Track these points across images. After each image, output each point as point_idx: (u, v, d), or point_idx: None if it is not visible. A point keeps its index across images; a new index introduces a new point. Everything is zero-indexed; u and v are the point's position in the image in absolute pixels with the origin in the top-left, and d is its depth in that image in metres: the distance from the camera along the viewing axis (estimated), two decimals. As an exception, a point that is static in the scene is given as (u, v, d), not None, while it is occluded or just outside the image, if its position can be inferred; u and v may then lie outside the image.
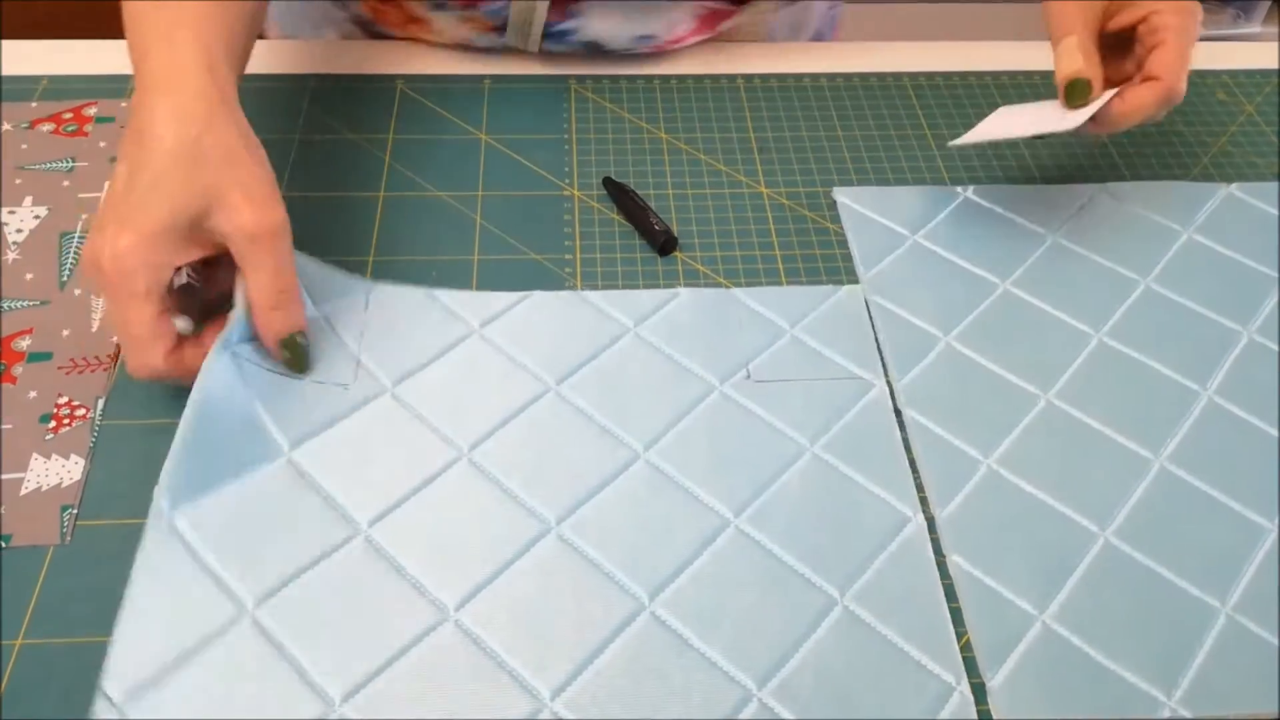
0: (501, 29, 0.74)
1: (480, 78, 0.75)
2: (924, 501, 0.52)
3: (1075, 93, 0.60)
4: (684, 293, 0.60)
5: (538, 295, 0.59)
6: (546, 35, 0.75)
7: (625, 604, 0.47)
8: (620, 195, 0.66)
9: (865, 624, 0.47)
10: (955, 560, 0.50)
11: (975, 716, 0.45)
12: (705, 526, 0.50)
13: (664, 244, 0.64)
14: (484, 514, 0.50)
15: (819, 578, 0.49)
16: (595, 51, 0.76)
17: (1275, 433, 0.55)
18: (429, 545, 0.49)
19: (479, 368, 0.56)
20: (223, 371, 0.50)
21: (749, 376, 0.56)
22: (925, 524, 0.51)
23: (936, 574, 0.49)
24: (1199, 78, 0.79)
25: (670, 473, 0.52)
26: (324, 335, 0.56)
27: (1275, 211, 0.67)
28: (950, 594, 0.49)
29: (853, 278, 0.63)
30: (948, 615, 0.48)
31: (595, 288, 0.61)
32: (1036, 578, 0.49)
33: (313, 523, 0.49)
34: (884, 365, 0.58)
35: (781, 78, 0.77)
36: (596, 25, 0.74)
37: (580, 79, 0.76)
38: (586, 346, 0.57)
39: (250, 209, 0.50)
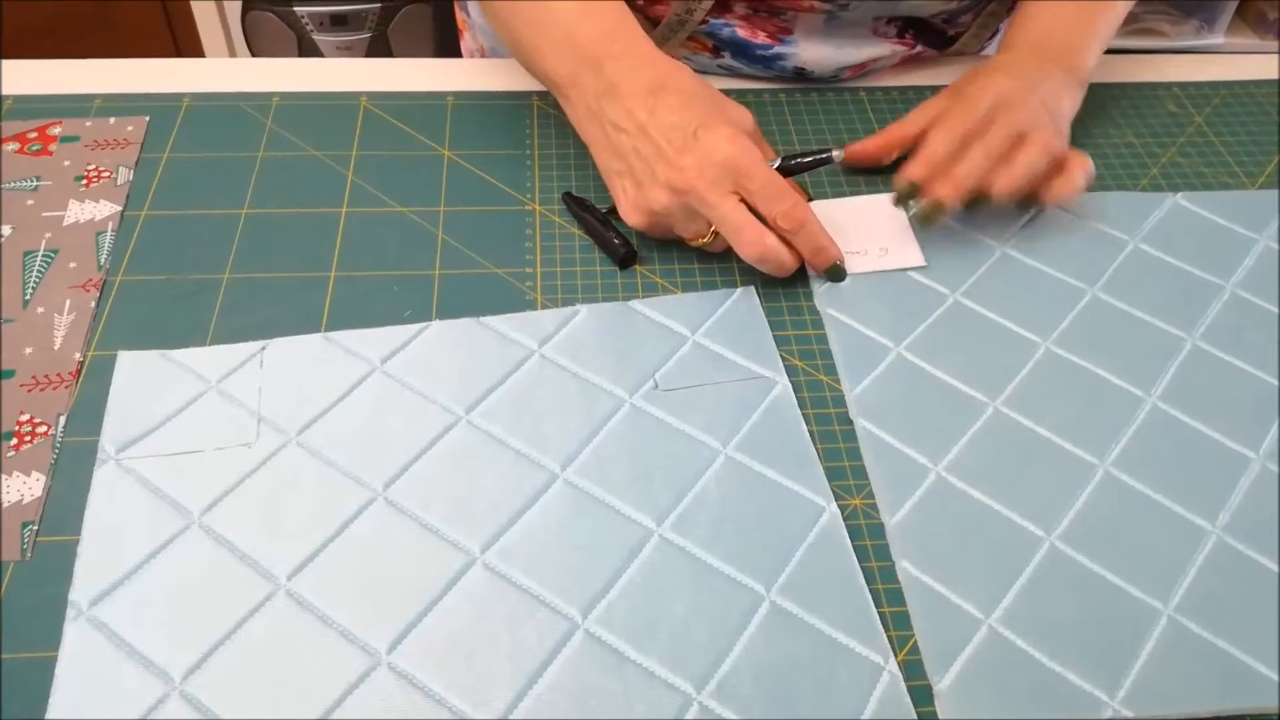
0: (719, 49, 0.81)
1: (444, 94, 0.76)
2: (867, 499, 0.53)
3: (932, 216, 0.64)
4: (584, 309, 0.61)
5: (436, 325, 0.60)
6: (756, 59, 0.79)
7: (559, 625, 0.48)
8: (580, 210, 0.67)
9: (793, 616, 0.48)
10: (904, 566, 0.51)
11: (905, 692, 0.46)
12: (630, 539, 0.51)
13: (624, 257, 0.65)
14: (406, 552, 0.50)
15: (745, 576, 0.50)
16: (801, 77, 0.80)
17: (1217, 436, 0.56)
18: (353, 590, 0.48)
19: (385, 405, 0.56)
20: (108, 480, 0.52)
21: (657, 386, 0.57)
22: (839, 512, 0.53)
23: (854, 559, 0.51)
24: (1150, 90, 0.81)
25: (590, 489, 0.53)
26: (219, 407, 0.55)
27: (1220, 220, 0.69)
28: (896, 597, 0.50)
29: (808, 291, 0.64)
30: (869, 598, 0.49)
31: (555, 301, 0.62)
32: (983, 582, 0.50)
33: (232, 585, 0.48)
34: (836, 375, 0.59)
35: (741, 93, 0.78)
36: (807, 53, 0.78)
37: (543, 95, 0.77)
38: (493, 372, 0.58)
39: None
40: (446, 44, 0.98)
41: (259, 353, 0.58)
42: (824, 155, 0.65)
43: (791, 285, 0.65)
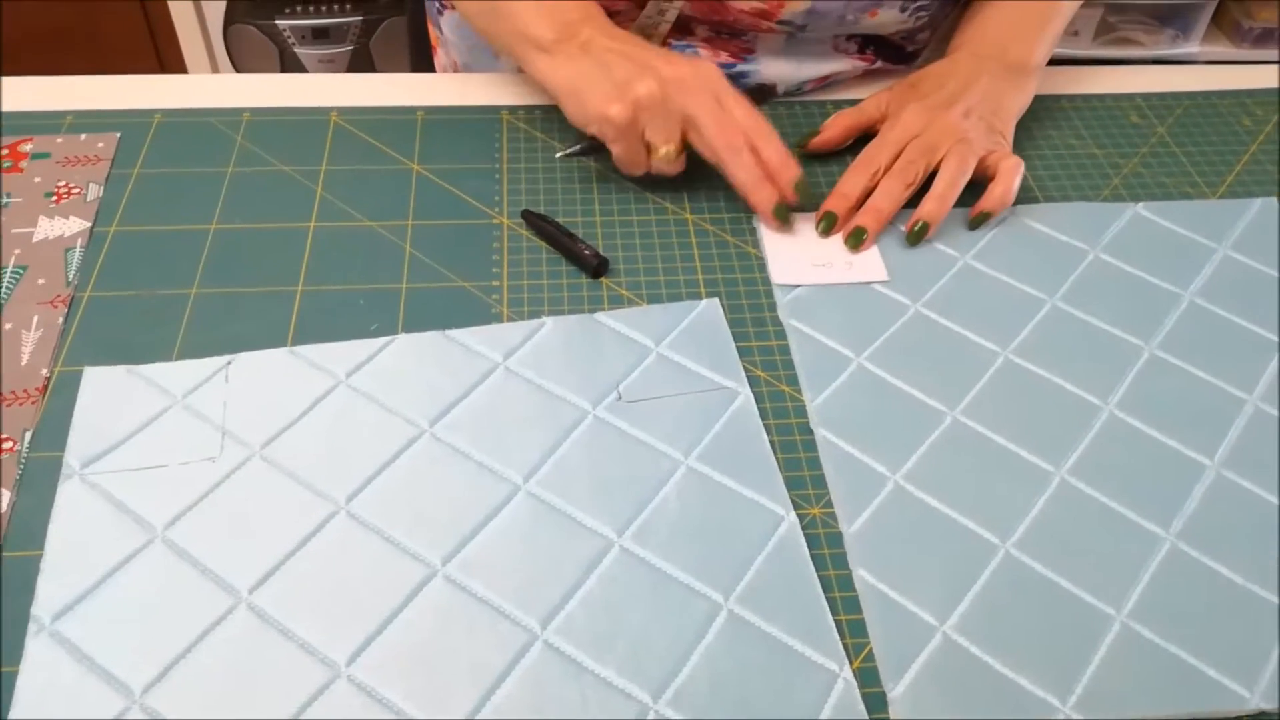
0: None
1: (413, 109, 0.77)
2: (826, 508, 0.54)
3: (855, 238, 0.67)
4: (549, 322, 0.62)
5: (402, 339, 0.60)
6: None
7: (518, 637, 0.48)
8: (544, 225, 0.67)
9: (750, 624, 0.49)
10: (860, 574, 0.51)
11: (859, 699, 0.47)
12: (590, 550, 0.51)
13: (596, 267, 0.66)
14: (367, 565, 0.50)
15: (703, 585, 0.50)
16: (763, 93, 0.81)
17: (1173, 444, 0.57)
18: (314, 603, 0.49)
19: (349, 418, 0.56)
20: (73, 496, 0.52)
21: (620, 398, 0.58)
22: (797, 521, 0.53)
23: (812, 567, 0.51)
24: (1114, 101, 0.82)
25: (552, 501, 0.53)
26: (184, 422, 0.56)
27: (1180, 229, 0.70)
28: (853, 605, 0.51)
29: (772, 303, 0.65)
30: (825, 606, 0.50)
31: (522, 314, 0.63)
32: (939, 590, 0.51)
33: (194, 599, 0.49)
34: (798, 386, 0.60)
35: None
36: (769, 70, 0.79)
37: (513, 109, 0.78)
38: (457, 385, 0.58)
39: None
40: (421, 61, 0.98)
41: (224, 367, 0.58)
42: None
43: (755, 296, 0.65)
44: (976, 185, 0.69)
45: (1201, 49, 1.89)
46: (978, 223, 0.68)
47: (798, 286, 0.65)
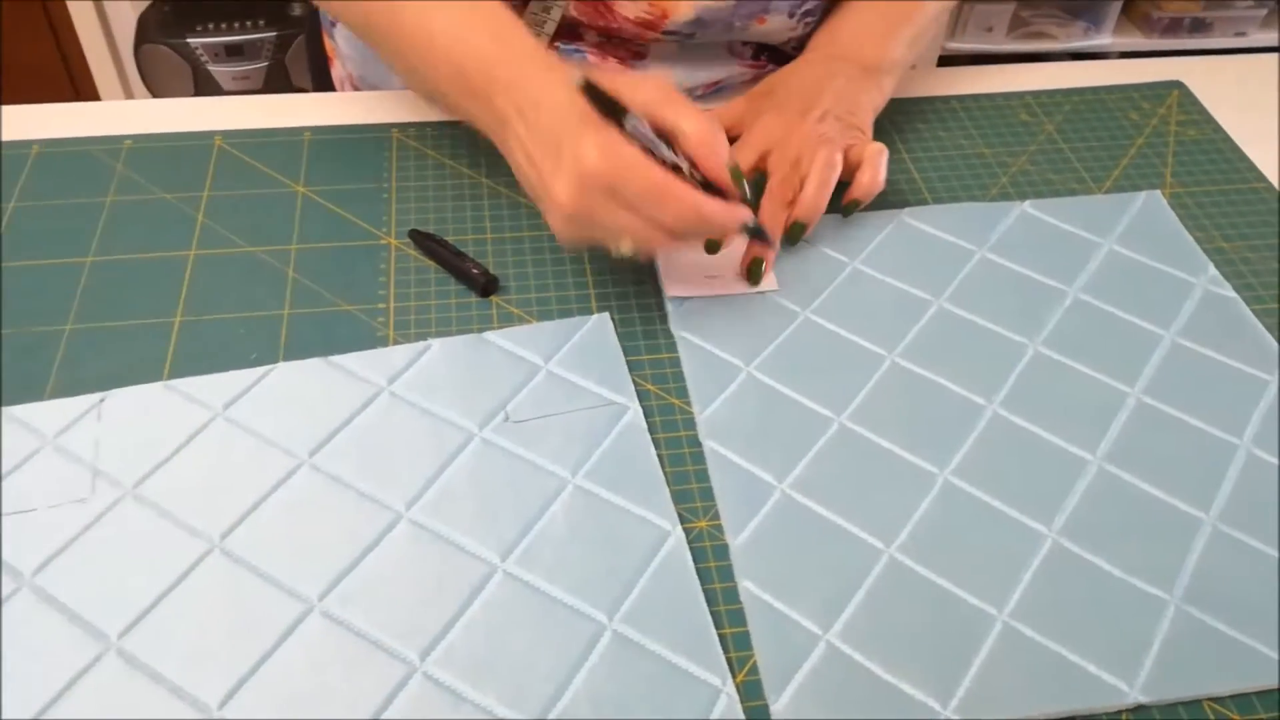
0: None
1: (300, 130, 0.76)
2: (713, 520, 0.54)
3: (754, 273, 0.65)
4: (436, 344, 0.61)
5: (282, 367, 0.59)
6: None
7: (396, 670, 0.47)
8: (431, 245, 0.67)
9: (634, 643, 0.48)
10: (746, 586, 0.51)
11: (741, 713, 0.47)
12: (474, 576, 0.51)
13: (485, 286, 0.65)
14: (241, 604, 0.49)
15: (588, 606, 0.50)
16: None
17: (1056, 440, 0.58)
18: (186, 646, 0.48)
19: (226, 452, 0.55)
20: None
21: (508, 418, 0.57)
22: (683, 535, 0.53)
23: (697, 582, 0.51)
24: (1004, 99, 0.83)
25: (434, 528, 0.52)
26: (54, 464, 0.54)
27: (1065, 225, 0.70)
28: (738, 618, 0.50)
29: (663, 314, 0.64)
30: (709, 621, 0.49)
31: (408, 336, 0.62)
32: (823, 598, 0.51)
33: (61, 646, 0.47)
34: (688, 399, 0.59)
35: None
36: (662, 76, 0.77)
37: (403, 127, 0.77)
38: (339, 413, 0.57)
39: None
40: (319, 75, 0.97)
41: (97, 405, 0.57)
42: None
43: (647, 309, 0.65)
44: (844, 181, 0.68)
45: (1114, 40, 1.92)
46: (850, 210, 0.68)
47: (690, 298, 0.65)
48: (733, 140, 0.72)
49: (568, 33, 0.77)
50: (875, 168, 0.67)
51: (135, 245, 0.66)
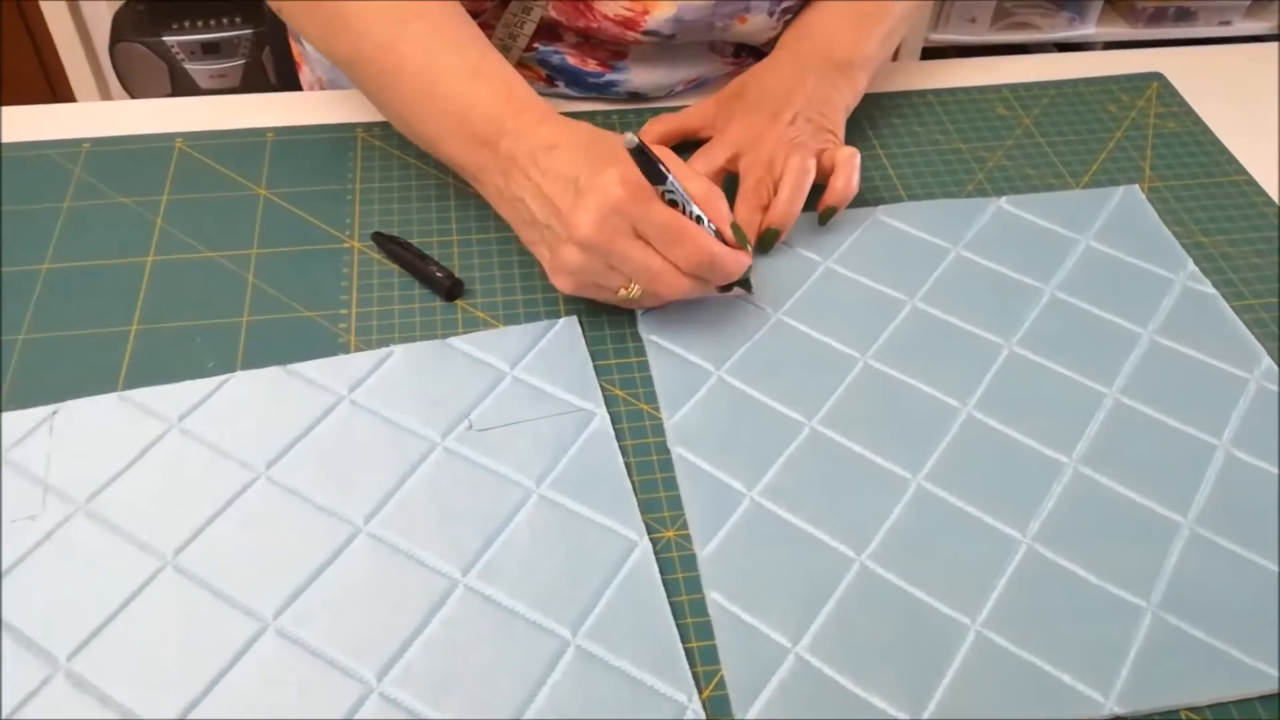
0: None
1: (263, 130, 0.74)
2: (681, 529, 0.52)
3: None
4: (398, 350, 0.60)
5: (240, 376, 0.58)
6: (589, 85, 0.78)
7: (352, 690, 0.46)
8: (395, 247, 0.65)
9: (598, 659, 0.47)
10: (714, 597, 0.50)
11: None
12: (433, 591, 0.49)
13: (449, 289, 0.63)
14: (194, 622, 0.48)
15: (551, 621, 0.48)
16: (636, 100, 0.79)
17: (1031, 442, 0.56)
18: (137, 666, 0.46)
19: (181, 465, 0.54)
20: None
21: (471, 427, 0.56)
22: (650, 546, 0.52)
23: (664, 595, 0.50)
24: (980, 93, 0.81)
25: (394, 541, 0.51)
26: (5, 480, 0.53)
27: (1042, 222, 0.69)
28: (706, 631, 0.49)
29: (632, 317, 0.63)
30: (676, 635, 0.48)
31: (370, 343, 0.61)
32: (793, 609, 0.49)
33: (10, 669, 0.46)
34: (657, 404, 0.58)
35: (576, 116, 0.76)
36: (640, 78, 0.77)
37: (368, 126, 0.75)
38: (297, 423, 0.56)
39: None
40: (288, 81, 0.95)
41: (49, 418, 0.55)
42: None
43: (616, 313, 0.64)
44: (817, 185, 0.67)
45: (1098, 31, 1.91)
46: (826, 217, 0.67)
47: None
48: (703, 141, 0.71)
49: (546, 33, 0.75)
50: (848, 173, 0.65)
51: (92, 251, 0.65)
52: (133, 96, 1.85)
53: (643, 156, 0.56)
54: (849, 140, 0.72)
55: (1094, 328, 0.63)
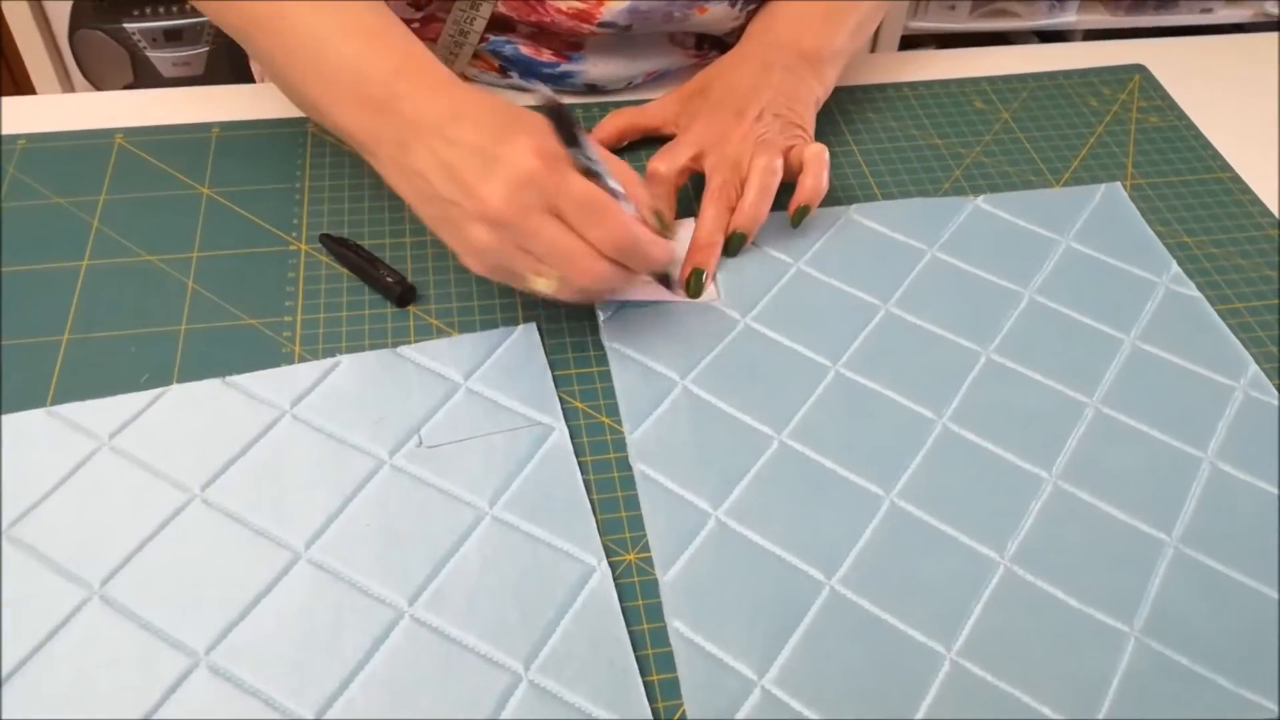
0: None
1: (208, 125, 0.71)
2: (642, 552, 0.50)
3: (694, 285, 0.61)
4: (345, 360, 0.57)
5: (176, 390, 0.54)
6: (545, 77, 0.74)
7: None
8: (344, 250, 0.62)
9: (552, 695, 0.44)
10: (676, 626, 0.47)
11: None
12: (376, 623, 0.46)
13: (401, 295, 0.60)
14: (121, 658, 0.45)
15: (502, 654, 0.46)
16: (594, 92, 0.76)
17: (1009, 456, 0.54)
18: (59, 705, 0.43)
19: (110, 487, 0.50)
20: None
21: (421, 443, 0.53)
22: (609, 571, 0.49)
23: (623, 625, 0.47)
24: (958, 86, 0.79)
25: (336, 568, 0.48)
26: None
27: (1021, 222, 0.67)
28: (667, 662, 0.46)
29: (594, 324, 0.60)
30: (635, 668, 0.46)
31: (315, 352, 0.57)
32: (759, 638, 0.47)
33: None
34: (618, 416, 0.55)
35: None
36: (598, 70, 0.74)
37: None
38: (236, 440, 0.52)
39: None
40: (240, 75, 0.91)
41: None
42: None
43: (577, 318, 0.61)
44: (788, 184, 0.64)
45: (1079, 17, 1.89)
46: (799, 218, 0.63)
47: (622, 305, 0.60)
48: (665, 139, 0.68)
49: (498, 25, 0.72)
50: (817, 170, 0.62)
51: (23, 256, 0.61)
52: (94, 85, 1.80)
53: (559, 118, 0.52)
54: (820, 135, 0.69)
55: (1074, 333, 0.60)
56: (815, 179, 0.62)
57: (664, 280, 0.58)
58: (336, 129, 0.58)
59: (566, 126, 0.52)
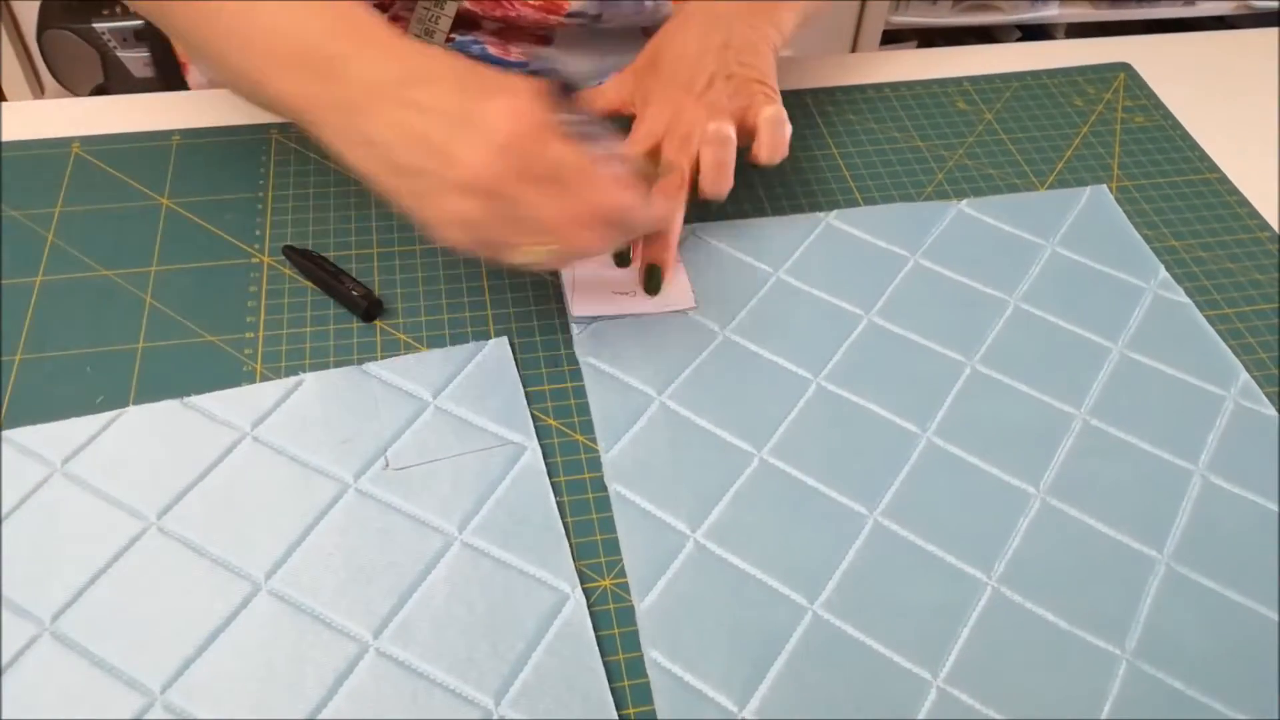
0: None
1: (169, 133, 0.68)
2: (618, 578, 0.48)
3: (653, 280, 0.59)
4: (309, 378, 0.55)
5: (132, 412, 0.52)
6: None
7: None
8: (307, 263, 0.60)
9: None
10: (653, 656, 0.45)
11: None
12: (339, 658, 0.44)
13: (367, 309, 0.58)
14: (71, 700, 0.43)
15: (471, 689, 0.44)
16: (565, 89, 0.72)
17: (994, 471, 0.52)
18: None
19: (62, 515, 0.48)
20: None
21: (388, 465, 0.51)
22: (584, 599, 0.47)
23: (598, 655, 0.45)
24: (940, 86, 0.77)
25: (297, 600, 0.46)
26: None
27: (1006, 226, 0.65)
28: (644, 694, 0.45)
29: (568, 338, 0.58)
30: (611, 702, 0.44)
31: (278, 370, 0.55)
32: (740, 669, 0.45)
33: None
34: (594, 434, 0.53)
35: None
36: (569, 65, 0.71)
37: (283, 128, 0.70)
38: (194, 464, 0.50)
39: None
40: (173, 84, 0.88)
41: None
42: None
43: (550, 332, 0.59)
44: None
45: (1061, 11, 1.87)
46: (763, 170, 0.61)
47: (597, 319, 0.58)
48: (626, 118, 0.64)
49: (464, 23, 0.70)
50: (770, 136, 0.58)
51: (-28, 272, 0.59)
52: (64, 86, 1.77)
53: (553, 77, 0.50)
54: (798, 138, 0.67)
55: (1061, 342, 0.58)
56: (770, 145, 0.58)
57: (619, 259, 0.57)
58: (273, 101, 0.53)
59: (560, 87, 0.50)
